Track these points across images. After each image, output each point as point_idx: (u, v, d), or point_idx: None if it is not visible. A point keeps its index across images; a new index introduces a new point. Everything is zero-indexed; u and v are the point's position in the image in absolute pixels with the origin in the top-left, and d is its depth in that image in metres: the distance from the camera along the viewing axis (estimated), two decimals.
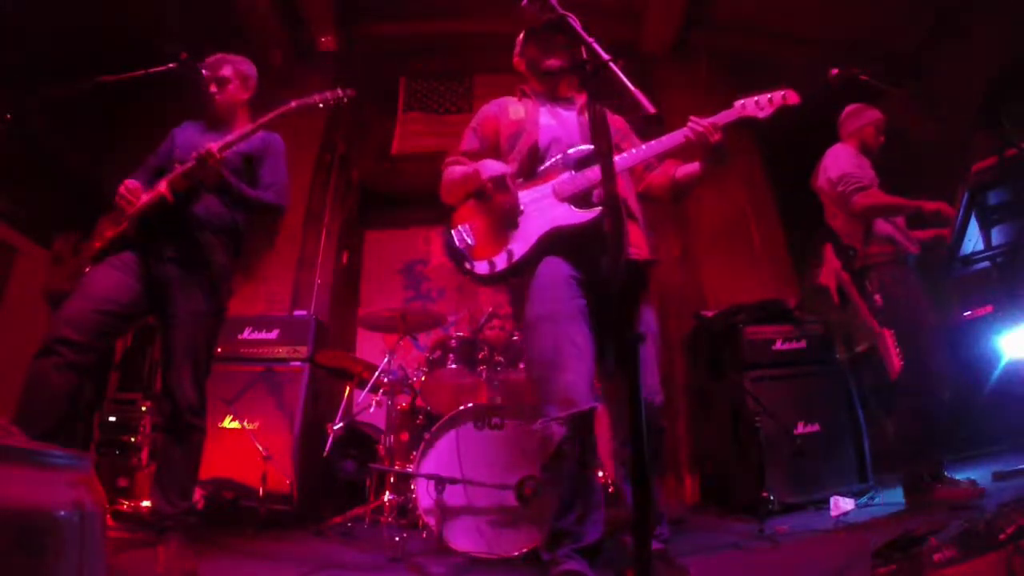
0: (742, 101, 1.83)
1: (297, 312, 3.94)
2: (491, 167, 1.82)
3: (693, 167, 1.92)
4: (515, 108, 2.05)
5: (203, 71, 2.28)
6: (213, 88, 2.27)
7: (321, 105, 2.13)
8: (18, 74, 3.54)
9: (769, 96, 1.81)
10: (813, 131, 3.16)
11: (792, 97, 1.82)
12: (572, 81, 2.07)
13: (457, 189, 1.93)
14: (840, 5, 4.36)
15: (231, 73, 2.30)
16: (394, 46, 5.29)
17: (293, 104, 2.13)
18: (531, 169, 1.88)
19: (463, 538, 2.29)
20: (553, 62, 1.97)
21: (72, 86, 2.11)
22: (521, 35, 2.09)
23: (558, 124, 1.96)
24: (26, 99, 2.13)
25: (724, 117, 1.80)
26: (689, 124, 1.78)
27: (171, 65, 2.20)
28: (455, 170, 1.97)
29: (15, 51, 3.81)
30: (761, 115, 1.81)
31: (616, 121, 2.07)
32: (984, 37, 3.99)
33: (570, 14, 1.38)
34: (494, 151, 2.00)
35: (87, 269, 2.06)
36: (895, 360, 2.51)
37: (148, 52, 2.20)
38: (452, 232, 1.85)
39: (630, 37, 4.95)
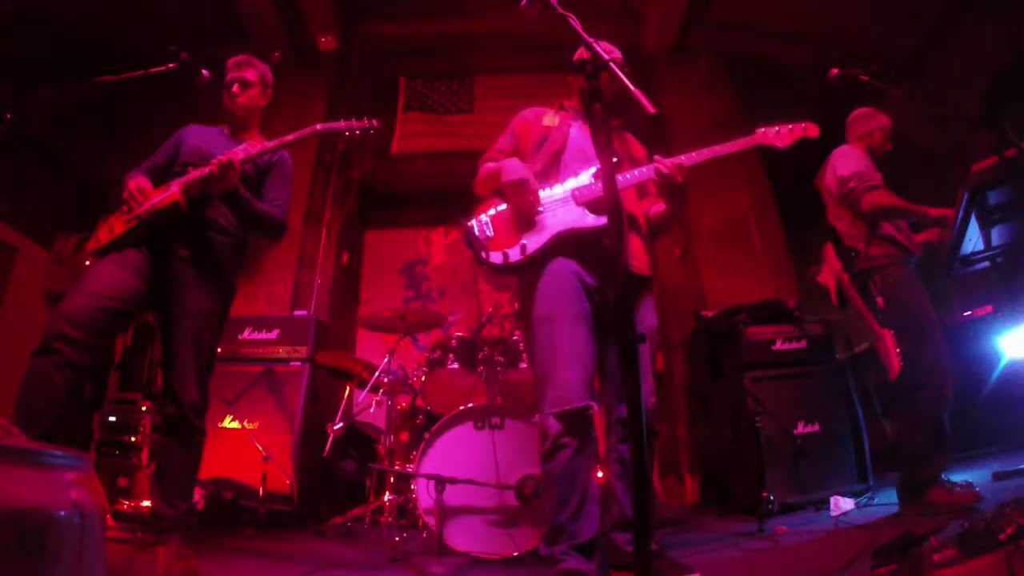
0: (763, 129, 1.90)
1: (297, 312, 3.94)
2: (513, 170, 1.87)
3: (660, 207, 2.00)
4: (550, 117, 2.12)
5: (228, 69, 2.27)
6: (236, 89, 2.25)
7: (347, 133, 2.13)
8: (18, 74, 3.55)
9: (790, 127, 1.89)
10: None
11: (812, 130, 1.88)
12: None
13: (487, 184, 2.02)
14: (840, 6, 4.36)
15: (256, 77, 2.29)
16: (394, 46, 5.30)
17: (318, 127, 2.14)
18: (553, 172, 1.95)
19: (463, 538, 2.29)
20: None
21: (72, 86, 2.11)
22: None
23: (586, 138, 2.02)
24: (26, 99, 2.11)
25: (691, 158, 1.84)
26: (655, 164, 1.83)
27: (171, 65, 2.18)
28: (488, 166, 2.05)
29: (15, 51, 3.81)
30: (781, 144, 1.87)
31: (633, 146, 2.13)
32: (984, 37, 3.99)
33: (570, 14, 1.39)
34: (523, 151, 2.08)
35: (88, 263, 2.05)
36: (895, 361, 2.51)
37: (148, 52, 2.19)
38: (473, 222, 1.93)
39: (630, 37, 4.95)
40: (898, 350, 2.50)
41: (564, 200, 1.87)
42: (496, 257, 1.85)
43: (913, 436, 2.44)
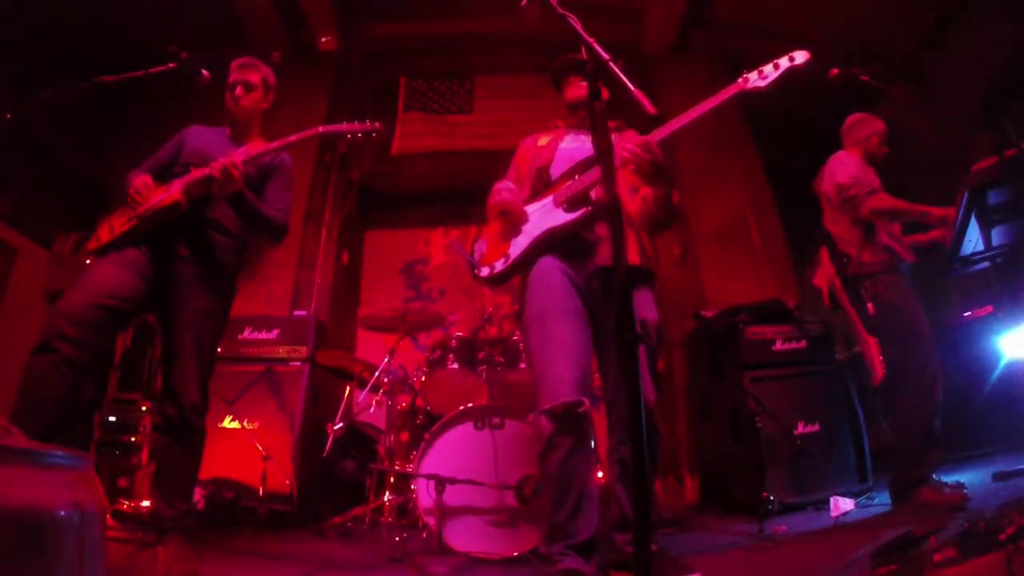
0: (745, 75, 1.73)
1: (297, 312, 3.94)
2: (497, 190, 2.00)
3: (647, 191, 1.93)
4: (543, 138, 2.16)
5: (231, 71, 2.27)
6: (240, 91, 2.26)
7: (349, 135, 2.14)
8: (18, 74, 3.55)
9: (774, 63, 1.69)
10: (813, 131, 3.17)
11: (800, 56, 1.66)
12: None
13: (488, 212, 2.06)
14: (840, 5, 4.36)
15: (259, 80, 2.30)
16: (394, 46, 5.29)
17: (320, 129, 2.15)
18: (541, 186, 2.00)
19: (463, 538, 2.29)
20: (573, 94, 2.11)
21: (72, 86, 2.11)
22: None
23: (577, 146, 2.04)
24: (26, 99, 2.11)
25: (660, 132, 1.74)
26: (618, 148, 1.70)
27: (171, 65, 2.19)
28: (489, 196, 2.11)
29: (15, 51, 3.81)
30: (763, 85, 1.69)
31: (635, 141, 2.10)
32: (984, 37, 3.99)
33: (570, 14, 1.38)
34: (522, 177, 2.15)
35: (88, 261, 2.05)
36: (878, 368, 2.55)
37: (148, 52, 2.19)
38: (473, 245, 2.04)
39: (630, 37, 4.95)
40: (881, 357, 2.53)
41: (546, 205, 1.92)
42: (484, 271, 1.95)
43: (903, 437, 2.49)
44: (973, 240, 2.43)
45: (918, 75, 4.45)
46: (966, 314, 3.23)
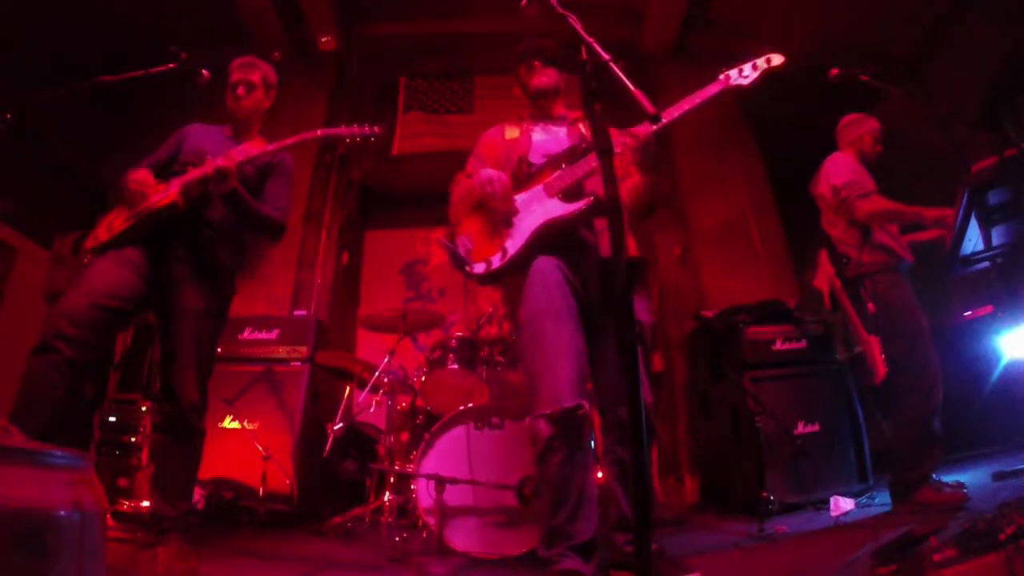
0: (726, 72, 1.83)
1: (297, 312, 3.95)
2: (486, 172, 1.88)
3: (634, 180, 1.92)
4: (511, 130, 2.12)
5: (232, 71, 2.28)
6: (241, 91, 2.26)
7: (348, 139, 2.14)
8: (18, 74, 3.55)
9: (753, 62, 1.79)
10: (813, 131, 3.17)
11: (775, 59, 1.77)
12: (562, 101, 2.15)
13: (462, 203, 1.99)
14: (839, 6, 4.36)
15: (260, 79, 2.30)
16: (394, 46, 5.29)
17: (319, 132, 2.16)
18: (522, 179, 1.94)
19: (463, 538, 2.29)
20: (538, 81, 2.09)
21: (72, 86, 2.11)
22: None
23: (549, 138, 2.03)
24: (26, 99, 2.12)
25: (645, 127, 1.75)
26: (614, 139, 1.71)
27: (171, 65, 2.19)
28: (461, 187, 2.03)
29: (15, 51, 3.81)
30: (746, 83, 1.79)
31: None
32: (983, 37, 3.99)
33: (570, 14, 1.38)
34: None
35: (86, 261, 2.05)
36: (880, 367, 2.56)
37: (148, 52, 2.20)
38: (455, 240, 1.93)
39: (630, 37, 4.95)
40: (883, 356, 2.54)
41: (537, 194, 1.86)
42: (479, 267, 1.84)
43: (903, 437, 2.49)
44: (973, 240, 2.43)
45: (918, 75, 4.45)
46: (966, 314, 3.24)
